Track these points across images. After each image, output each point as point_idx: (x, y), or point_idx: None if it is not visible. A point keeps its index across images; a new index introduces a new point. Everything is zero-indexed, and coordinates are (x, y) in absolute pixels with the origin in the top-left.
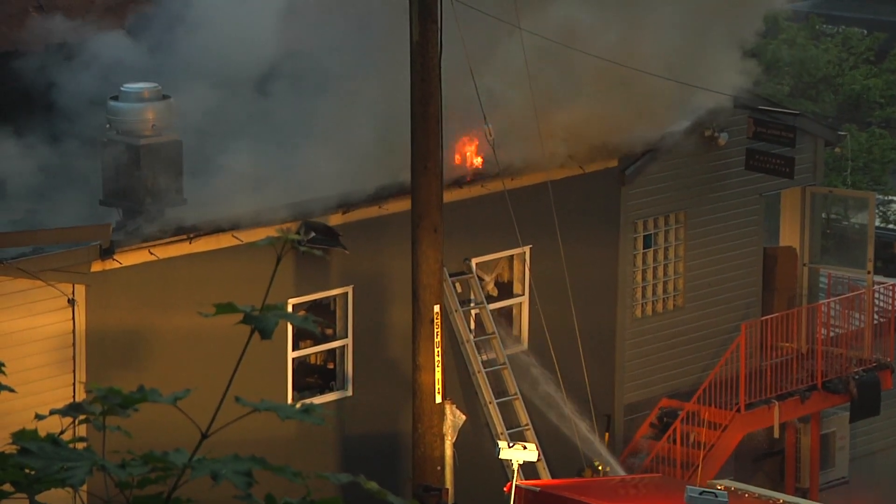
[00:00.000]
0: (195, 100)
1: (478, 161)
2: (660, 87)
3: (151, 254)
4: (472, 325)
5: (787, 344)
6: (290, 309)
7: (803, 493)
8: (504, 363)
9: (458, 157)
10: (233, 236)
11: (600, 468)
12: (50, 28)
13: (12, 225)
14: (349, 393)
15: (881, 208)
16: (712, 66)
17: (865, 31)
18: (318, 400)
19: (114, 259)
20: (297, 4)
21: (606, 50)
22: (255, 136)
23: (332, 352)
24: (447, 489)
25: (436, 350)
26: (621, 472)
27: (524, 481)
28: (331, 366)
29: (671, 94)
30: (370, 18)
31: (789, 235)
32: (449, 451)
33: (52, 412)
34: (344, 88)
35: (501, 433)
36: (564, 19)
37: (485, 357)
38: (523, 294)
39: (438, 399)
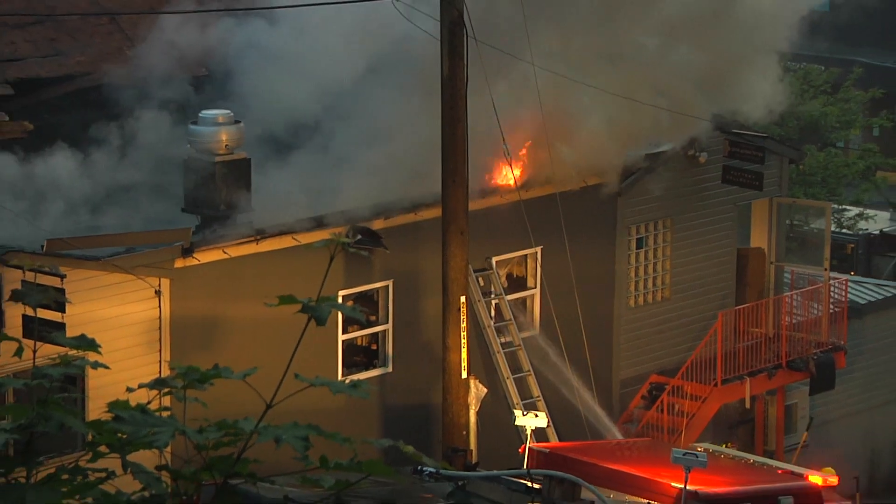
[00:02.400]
0: (265, 123)
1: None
2: (652, 113)
3: (224, 253)
4: (493, 313)
5: (757, 329)
6: (340, 300)
7: (770, 455)
8: (519, 345)
9: (488, 177)
10: (293, 238)
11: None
12: (139, 63)
13: (109, 229)
14: (390, 370)
15: (836, 216)
16: (700, 97)
17: (823, 68)
18: (363, 376)
19: (193, 257)
20: (350, 47)
21: (606, 82)
22: (314, 155)
23: (375, 335)
24: (471, 451)
25: (462, 334)
26: (618, 436)
27: (536, 444)
28: (374, 347)
29: (661, 120)
30: (409, 57)
31: (758, 238)
32: (473, 419)
33: (140, 386)
34: (386, 114)
35: (517, 404)
36: (572, 55)
37: (503, 339)
38: (535, 287)
39: (464, 375)
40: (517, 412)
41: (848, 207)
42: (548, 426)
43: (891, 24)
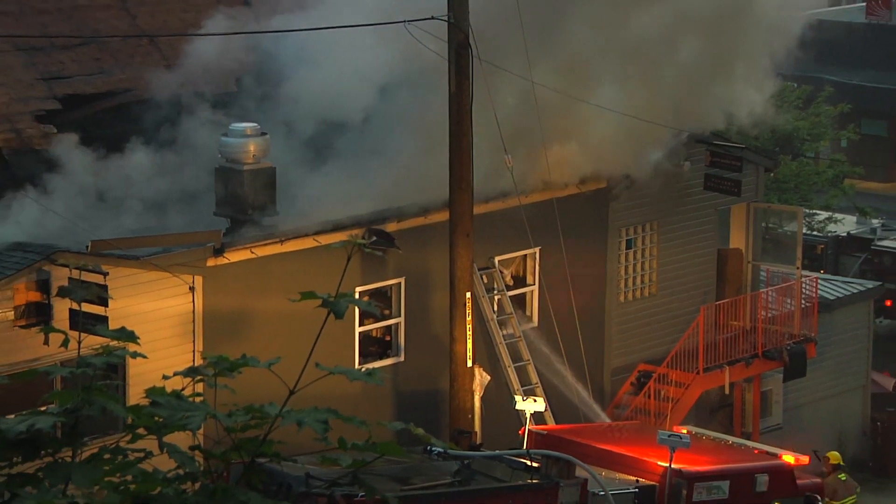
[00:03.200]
0: (290, 134)
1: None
2: (641, 127)
3: (252, 253)
4: (495, 308)
5: (735, 322)
6: (356, 295)
7: (747, 436)
8: (519, 336)
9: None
10: (314, 240)
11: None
12: (175, 79)
13: (147, 231)
14: (402, 359)
15: (807, 219)
16: (687, 111)
17: (796, 84)
18: (378, 364)
19: (224, 257)
20: (369, 66)
21: (599, 98)
22: (332, 164)
23: (388, 327)
24: (476, 432)
25: (467, 326)
26: (608, 420)
27: (535, 426)
28: (388, 338)
29: (649, 132)
30: (418, 76)
31: (737, 239)
32: (477, 404)
33: (175, 374)
34: (398, 128)
35: (517, 390)
36: (568, 74)
37: (505, 332)
38: (534, 284)
39: (469, 364)
40: (517, 397)
41: (818, 212)
42: (545, 410)
43: (858, 46)
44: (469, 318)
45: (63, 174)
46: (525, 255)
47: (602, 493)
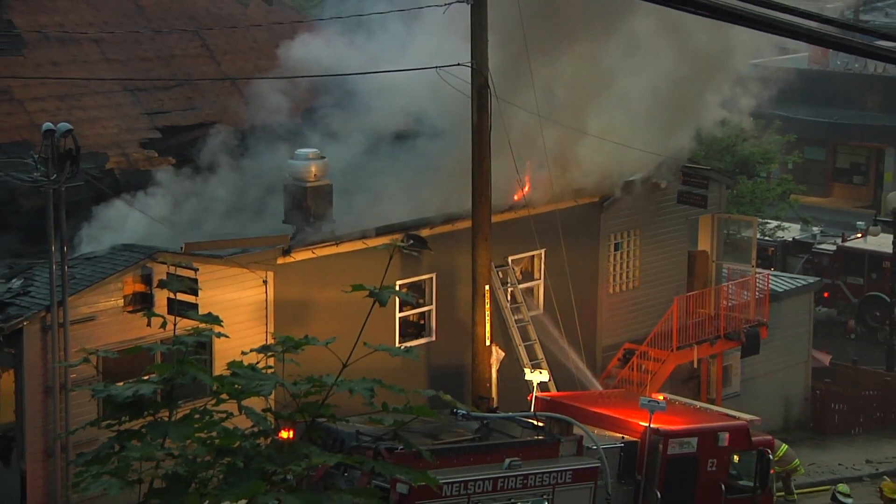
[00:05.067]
0: (344, 154)
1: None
2: (627, 153)
3: (313, 253)
4: (509, 297)
5: (702, 310)
6: (397, 287)
7: (712, 402)
8: (528, 321)
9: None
10: (363, 242)
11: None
12: (251, 114)
13: (229, 235)
14: (433, 339)
15: (760, 227)
16: (665, 137)
17: (752, 118)
18: (414, 343)
19: (290, 256)
20: (409, 102)
21: (593, 128)
22: (378, 181)
23: (423, 313)
24: (493, 398)
25: (486, 312)
26: (599, 388)
27: (540, 393)
28: (422, 322)
29: (634, 157)
30: (448, 110)
31: (703, 243)
32: (494, 375)
33: (251, 350)
34: (432, 151)
35: (526, 364)
36: (569, 108)
37: (516, 317)
38: (540, 278)
39: (487, 343)
40: (527, 370)
41: (769, 221)
42: (549, 380)
43: (802, 87)
44: (487, 306)
45: (162, 189)
46: (533, 255)
47: (594, 447)
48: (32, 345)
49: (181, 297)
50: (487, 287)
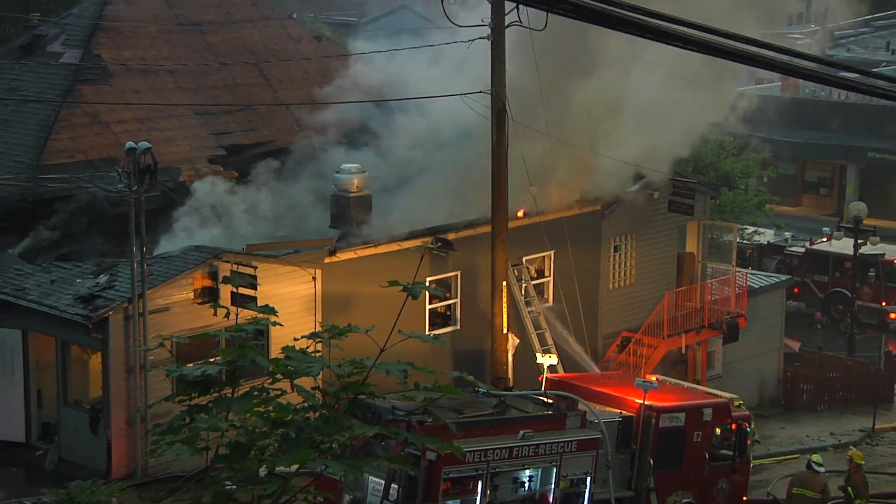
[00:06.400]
0: (383, 168)
1: (520, 213)
2: (624, 168)
3: (355, 253)
4: (523, 292)
5: (689, 303)
6: (427, 283)
7: (697, 382)
8: (539, 312)
9: (520, 206)
10: (398, 245)
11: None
12: (304, 133)
13: (284, 238)
14: (458, 327)
15: (739, 232)
16: (660, 154)
17: (732, 138)
18: (441, 331)
19: (336, 256)
20: (438, 124)
21: (598, 146)
22: (410, 191)
23: (449, 305)
24: (509, 379)
25: (503, 305)
26: (599, 371)
27: (550, 374)
28: (448, 313)
29: (629, 171)
30: (471, 131)
31: (691, 245)
32: (510, 359)
33: (302, 337)
34: (460, 167)
35: (538, 349)
36: (576, 130)
37: (529, 309)
38: (550, 276)
39: (504, 331)
40: (538, 354)
41: (747, 227)
42: (557, 363)
43: (775, 112)
44: (504, 300)
45: (226, 199)
46: (544, 256)
47: (596, 420)
48: (116, 331)
49: (242, 291)
50: (504, 283)
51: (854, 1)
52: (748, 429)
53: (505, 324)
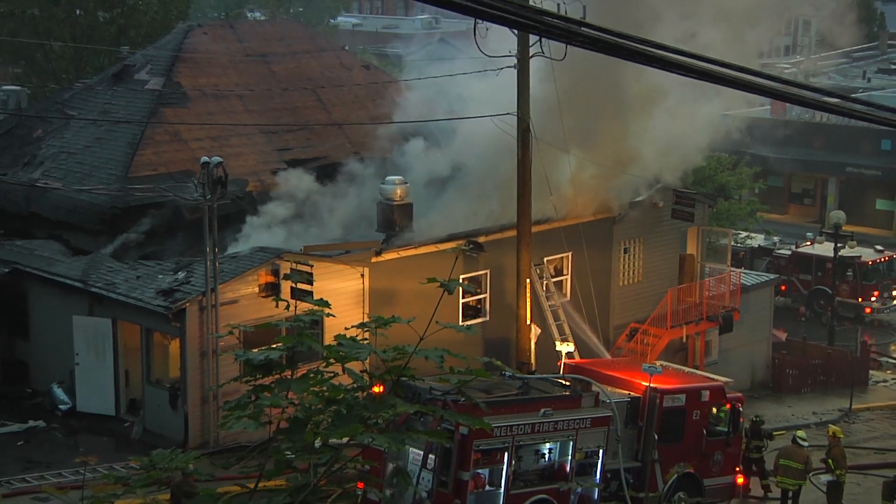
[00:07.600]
0: (423, 179)
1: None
2: (635, 179)
3: (398, 254)
4: (544, 288)
5: (690, 298)
6: (460, 280)
7: (696, 368)
8: (558, 306)
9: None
10: (435, 246)
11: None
12: (354, 149)
13: (336, 240)
14: (487, 319)
15: (734, 236)
16: (662, 170)
17: (727, 154)
18: (473, 322)
19: (381, 256)
20: (472, 142)
21: (613, 161)
22: (447, 200)
23: (479, 300)
24: (531, 364)
25: (527, 299)
26: (610, 357)
27: (568, 360)
28: (479, 306)
29: (637, 182)
30: (501, 147)
31: (691, 248)
32: (533, 346)
33: (352, 326)
34: (487, 179)
35: (557, 337)
36: (592, 148)
37: (550, 303)
38: (568, 274)
39: (528, 322)
40: (557, 342)
41: (740, 232)
42: (574, 350)
43: (765, 131)
44: (528, 295)
45: (288, 207)
46: (562, 257)
47: (608, 401)
48: (192, 320)
49: (300, 286)
50: (528, 280)
51: (835, 34)
52: (740, 408)
53: (528, 316)
